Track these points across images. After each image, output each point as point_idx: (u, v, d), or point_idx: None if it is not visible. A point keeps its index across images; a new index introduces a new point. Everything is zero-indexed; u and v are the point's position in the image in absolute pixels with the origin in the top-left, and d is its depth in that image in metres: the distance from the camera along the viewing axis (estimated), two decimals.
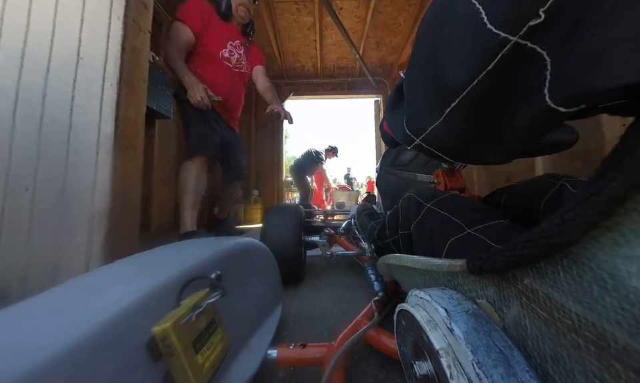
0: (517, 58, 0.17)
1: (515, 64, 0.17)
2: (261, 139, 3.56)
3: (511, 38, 0.16)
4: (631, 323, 0.12)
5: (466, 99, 0.20)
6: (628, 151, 0.13)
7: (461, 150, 0.27)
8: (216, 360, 0.30)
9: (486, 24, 0.17)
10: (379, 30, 2.74)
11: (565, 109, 0.17)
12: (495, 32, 0.17)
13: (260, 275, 0.54)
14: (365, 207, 1.14)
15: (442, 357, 0.19)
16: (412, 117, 0.29)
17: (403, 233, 0.48)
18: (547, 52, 0.16)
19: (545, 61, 0.17)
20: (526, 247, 0.16)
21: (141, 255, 0.40)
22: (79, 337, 0.21)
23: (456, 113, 0.22)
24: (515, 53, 0.17)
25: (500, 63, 0.17)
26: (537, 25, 0.15)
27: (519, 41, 0.16)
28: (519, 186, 0.48)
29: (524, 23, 0.16)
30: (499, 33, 0.16)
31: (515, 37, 0.16)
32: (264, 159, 3.54)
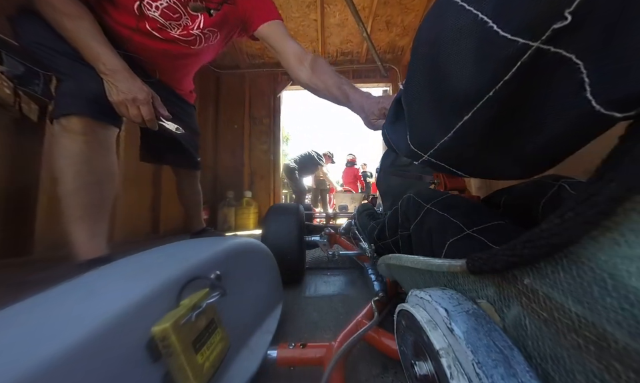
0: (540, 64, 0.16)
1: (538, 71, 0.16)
2: (255, 135, 3.16)
3: (531, 44, 0.15)
4: (631, 323, 0.12)
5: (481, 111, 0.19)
6: (627, 151, 0.13)
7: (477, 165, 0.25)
8: (216, 360, 0.30)
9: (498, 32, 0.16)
10: (389, 6, 2.38)
11: (621, 114, 0.15)
12: (510, 39, 0.15)
13: (260, 275, 0.54)
14: (365, 208, 1.14)
15: (442, 357, 0.19)
16: (416, 132, 0.27)
17: (403, 233, 0.48)
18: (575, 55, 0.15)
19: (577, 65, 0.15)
20: (526, 247, 0.16)
21: (140, 255, 0.40)
22: (78, 337, 0.21)
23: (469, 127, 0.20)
24: (536, 59, 0.15)
25: (519, 71, 0.16)
26: (562, 27, 0.14)
27: (541, 47, 0.15)
28: (519, 187, 0.48)
29: (547, 26, 0.14)
30: (516, 39, 0.15)
31: (537, 43, 0.15)
32: (258, 157, 3.14)
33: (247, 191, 2.89)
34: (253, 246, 0.52)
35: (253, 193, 2.99)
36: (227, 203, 2.75)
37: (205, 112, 2.91)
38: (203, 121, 2.82)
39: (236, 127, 3.12)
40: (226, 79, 3.17)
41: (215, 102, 3.12)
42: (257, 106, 3.18)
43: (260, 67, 3.16)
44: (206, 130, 2.90)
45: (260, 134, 3.17)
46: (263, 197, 3.08)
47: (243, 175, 3.04)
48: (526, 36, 0.15)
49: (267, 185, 3.12)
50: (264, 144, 3.15)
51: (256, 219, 2.88)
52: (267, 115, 3.17)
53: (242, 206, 2.80)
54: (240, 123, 3.13)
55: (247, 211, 2.81)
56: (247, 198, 2.87)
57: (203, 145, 2.72)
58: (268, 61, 3.13)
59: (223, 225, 2.67)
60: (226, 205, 2.74)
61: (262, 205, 3.02)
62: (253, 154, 3.13)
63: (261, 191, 3.09)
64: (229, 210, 2.72)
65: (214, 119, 3.07)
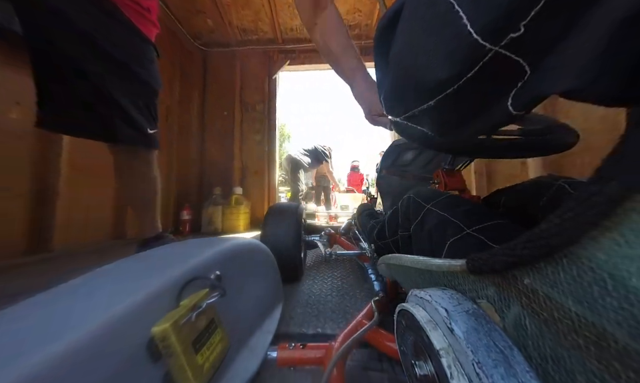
0: (496, 66, 0.17)
1: (493, 71, 0.18)
2: (247, 123, 2.70)
3: (492, 47, 0.16)
4: (631, 323, 0.12)
5: (443, 101, 0.21)
6: (627, 151, 0.13)
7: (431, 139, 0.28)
8: (216, 360, 0.30)
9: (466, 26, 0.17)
10: None
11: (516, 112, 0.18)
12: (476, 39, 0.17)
13: (260, 275, 0.54)
14: (365, 207, 1.14)
15: (442, 357, 0.19)
16: (387, 101, 0.29)
17: (403, 233, 0.48)
18: (528, 64, 0.17)
19: (525, 71, 0.17)
20: (526, 247, 0.16)
21: (140, 256, 0.40)
22: (79, 337, 0.21)
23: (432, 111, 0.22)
24: (493, 60, 0.17)
25: (480, 70, 0.18)
26: (518, 37, 0.16)
27: (500, 51, 0.16)
28: (519, 187, 0.48)
29: (505, 34, 0.16)
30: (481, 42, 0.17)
31: (496, 47, 0.16)
32: (251, 149, 2.68)
33: (236, 188, 2.43)
34: (253, 246, 0.52)
35: (244, 189, 2.55)
36: (213, 202, 2.33)
37: (189, 97, 2.55)
38: (187, 107, 2.50)
39: (225, 114, 2.67)
40: (213, 59, 2.73)
41: (200, 85, 2.69)
42: (249, 90, 2.71)
43: (253, 44, 2.70)
44: (191, 118, 2.55)
45: (253, 122, 2.69)
46: (257, 195, 2.62)
47: (233, 169, 2.60)
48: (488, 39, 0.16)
49: (261, 181, 2.66)
50: (257, 134, 2.68)
51: (247, 219, 2.44)
52: (260, 101, 2.70)
53: (230, 205, 2.32)
54: (230, 109, 2.67)
55: (237, 211, 2.33)
56: (236, 195, 2.38)
57: (187, 135, 2.46)
58: (262, 37, 2.66)
59: (208, 226, 2.27)
60: (212, 204, 2.32)
61: (255, 204, 2.58)
62: (245, 145, 2.68)
63: (254, 188, 2.62)
64: (215, 209, 2.29)
65: (200, 105, 2.66)
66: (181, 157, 2.38)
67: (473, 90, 0.19)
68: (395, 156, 1.02)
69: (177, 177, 2.31)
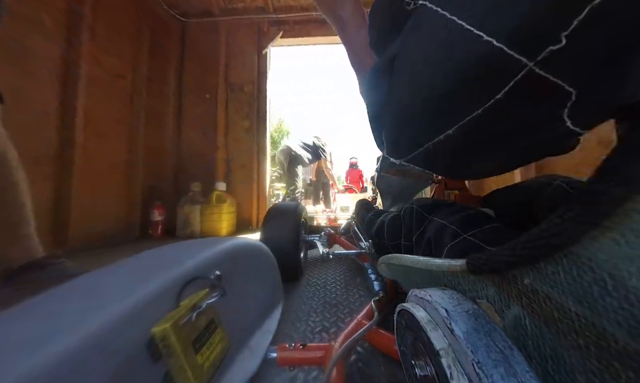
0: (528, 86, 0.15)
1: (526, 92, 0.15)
2: (234, 108, 2.26)
3: (528, 63, 0.14)
4: (631, 324, 0.12)
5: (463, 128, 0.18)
6: (627, 151, 0.13)
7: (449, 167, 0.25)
8: (216, 360, 0.30)
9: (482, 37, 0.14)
10: None
11: (582, 131, 0.16)
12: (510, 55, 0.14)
13: (260, 275, 0.54)
14: (363, 203, 1.15)
15: (442, 358, 0.19)
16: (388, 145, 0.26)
17: (406, 243, 0.49)
18: (568, 83, 0.14)
19: (569, 92, 0.14)
20: (526, 247, 0.16)
21: (140, 256, 0.40)
22: (78, 338, 0.21)
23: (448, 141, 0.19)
24: (527, 79, 0.14)
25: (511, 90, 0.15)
26: (557, 49, 0.13)
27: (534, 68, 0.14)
28: (518, 186, 0.48)
29: (542, 47, 0.13)
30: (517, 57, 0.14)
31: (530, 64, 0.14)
32: (238, 138, 2.25)
33: (219, 183, 2.04)
34: (253, 246, 0.52)
35: (229, 185, 2.15)
36: (190, 199, 1.95)
37: (163, 75, 2.15)
38: (160, 87, 2.11)
39: (208, 97, 2.26)
40: (193, 31, 2.30)
41: (178, 63, 2.26)
42: (235, 68, 2.28)
43: (239, 13, 2.28)
44: (166, 101, 2.16)
45: (240, 105, 2.26)
46: (244, 192, 2.22)
47: (216, 161, 2.18)
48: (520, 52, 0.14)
49: (249, 176, 2.22)
50: (245, 119, 2.25)
51: (232, 220, 2.04)
52: (249, 81, 2.27)
53: (210, 203, 1.92)
54: (213, 91, 2.25)
55: (218, 210, 1.91)
56: (218, 192, 1.97)
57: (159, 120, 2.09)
58: (250, 5, 2.25)
59: (184, 229, 1.90)
60: (188, 202, 1.93)
61: (242, 203, 2.18)
62: (231, 133, 2.25)
63: (241, 184, 2.22)
64: (193, 209, 1.90)
65: (177, 86, 2.24)
66: (151, 146, 2.01)
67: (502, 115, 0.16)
68: None
69: (145, 170, 1.95)
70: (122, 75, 1.84)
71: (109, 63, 1.74)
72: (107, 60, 1.72)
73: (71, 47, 1.48)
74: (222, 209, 1.96)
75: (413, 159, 0.25)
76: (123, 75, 1.85)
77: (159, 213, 1.93)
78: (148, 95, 2.01)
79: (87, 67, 1.54)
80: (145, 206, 1.93)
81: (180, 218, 1.95)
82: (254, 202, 2.25)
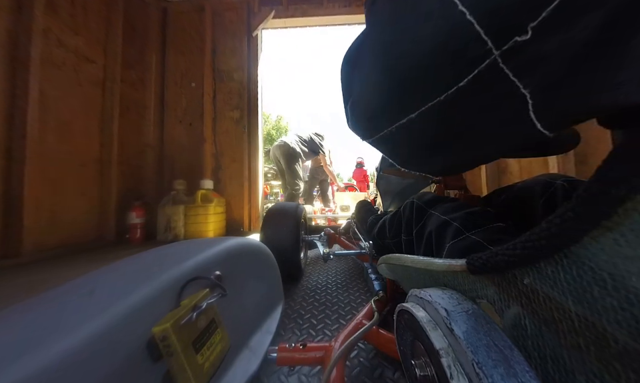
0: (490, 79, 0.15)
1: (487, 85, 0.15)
2: (222, 97, 2.01)
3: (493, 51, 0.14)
4: (631, 324, 0.12)
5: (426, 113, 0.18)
6: (627, 151, 0.13)
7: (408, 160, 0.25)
8: (216, 360, 0.30)
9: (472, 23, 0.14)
10: None
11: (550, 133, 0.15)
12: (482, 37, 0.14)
13: (260, 275, 0.54)
14: (363, 204, 1.15)
15: (442, 357, 0.19)
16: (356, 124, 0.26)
17: (406, 238, 0.48)
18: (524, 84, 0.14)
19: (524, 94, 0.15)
20: (526, 248, 0.16)
21: (140, 255, 0.40)
22: (79, 337, 0.21)
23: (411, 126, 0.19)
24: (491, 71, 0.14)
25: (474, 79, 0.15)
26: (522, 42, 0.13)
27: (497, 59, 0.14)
28: (518, 186, 0.48)
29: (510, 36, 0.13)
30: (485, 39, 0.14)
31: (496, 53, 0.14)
32: (227, 130, 2.01)
33: (205, 181, 1.82)
34: (253, 246, 0.52)
35: (218, 183, 1.95)
36: (173, 199, 1.72)
37: (142, 61, 1.92)
38: (139, 75, 1.90)
39: (193, 86, 2.02)
40: (176, 12, 2.06)
41: (158, 47, 2.01)
42: (223, 53, 2.04)
43: None
44: (146, 90, 1.94)
45: (229, 95, 2.01)
46: (234, 190, 1.98)
47: (204, 156, 1.95)
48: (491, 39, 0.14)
49: (240, 172, 1.98)
50: (235, 110, 2.00)
51: (221, 222, 1.83)
52: (238, 67, 2.02)
53: (195, 203, 1.70)
54: (198, 79, 2.01)
55: (204, 211, 1.69)
56: (203, 191, 1.76)
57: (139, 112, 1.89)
58: None
59: (165, 232, 1.67)
60: (170, 202, 1.70)
61: (233, 202, 1.95)
62: (219, 125, 2.01)
63: (231, 181, 1.98)
64: (175, 209, 1.67)
65: (159, 73, 2.00)
66: (128, 140, 1.81)
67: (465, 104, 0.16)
68: None
69: (121, 168, 1.76)
70: (91, 59, 1.59)
71: (73, 43, 1.49)
72: (71, 40, 1.47)
73: (20, 20, 1.24)
74: (208, 210, 1.72)
75: (377, 141, 0.25)
76: (92, 59, 1.60)
77: (138, 215, 1.70)
78: (124, 83, 1.77)
79: (42, 46, 1.30)
80: (121, 208, 1.70)
81: (161, 220, 1.70)
82: (245, 201, 1.97)
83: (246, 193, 2.00)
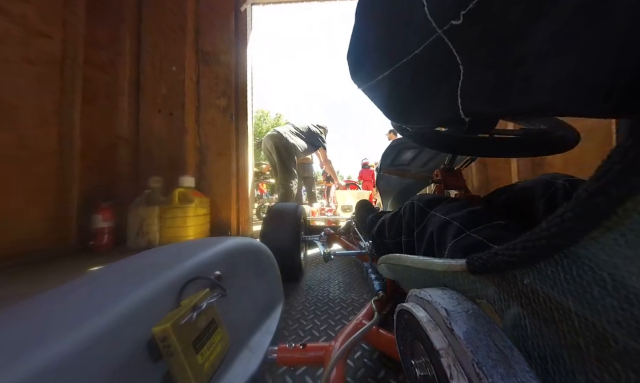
0: (438, 50, 0.18)
1: (437, 55, 0.19)
2: (207, 83, 1.75)
3: (437, 29, 0.17)
4: (631, 323, 0.12)
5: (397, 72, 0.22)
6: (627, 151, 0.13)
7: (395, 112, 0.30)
8: (216, 360, 0.31)
9: (423, 5, 0.18)
10: None
11: (466, 117, 0.19)
12: (428, 18, 0.18)
13: (260, 275, 0.54)
14: (363, 204, 1.15)
15: (442, 357, 0.19)
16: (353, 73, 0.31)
17: (406, 239, 0.48)
18: (461, 59, 0.17)
19: (459, 68, 0.18)
20: (526, 248, 0.16)
21: (140, 255, 0.40)
22: (79, 337, 0.21)
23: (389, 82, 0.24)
24: (437, 44, 0.18)
25: (425, 49, 0.19)
26: (457, 25, 0.16)
27: (441, 35, 0.17)
28: (519, 186, 0.48)
29: (448, 18, 0.17)
30: (430, 20, 0.18)
31: (439, 31, 0.17)
32: (213, 120, 1.75)
33: (184, 178, 1.58)
34: (253, 246, 0.52)
35: (202, 180, 1.71)
36: (147, 199, 1.48)
37: (115, 42, 1.66)
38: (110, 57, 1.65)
39: (174, 70, 1.76)
40: None
41: (134, 26, 1.74)
42: (208, 32, 1.79)
43: None
44: (120, 74, 1.68)
45: (215, 81, 1.76)
46: (221, 188, 1.73)
47: (186, 149, 1.69)
48: (435, 21, 0.17)
49: (227, 168, 1.72)
50: (222, 97, 1.75)
51: (205, 225, 1.60)
52: (225, 49, 1.77)
53: (172, 204, 1.45)
54: (179, 62, 1.74)
55: (182, 213, 1.43)
56: (182, 189, 1.51)
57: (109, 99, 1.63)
58: None
59: (137, 238, 1.42)
60: (143, 203, 1.46)
61: (219, 201, 1.71)
62: (204, 114, 1.76)
63: (217, 178, 1.73)
64: (149, 211, 1.42)
65: (134, 55, 1.74)
66: (96, 131, 1.56)
67: (421, 70, 0.20)
68: (393, 156, 1.03)
69: (86, 163, 1.49)
70: (46, 34, 1.32)
71: (20, 11, 1.24)
72: (16, 7, 1.23)
73: None
74: (187, 212, 1.44)
75: (367, 90, 0.30)
76: (47, 34, 1.33)
77: (106, 217, 1.45)
78: (90, 65, 1.50)
79: None
80: (85, 210, 1.43)
81: (132, 224, 1.44)
82: (233, 201, 1.73)
83: (234, 191, 1.74)
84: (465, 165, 0.77)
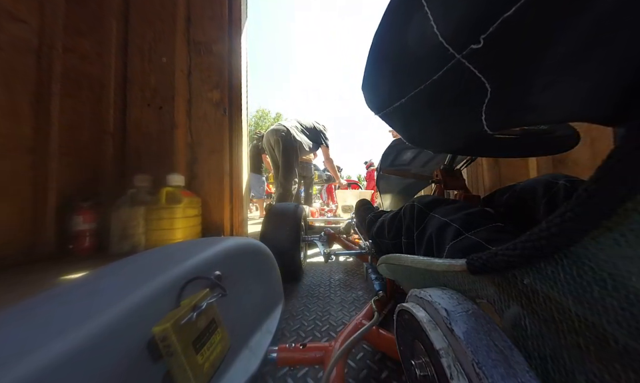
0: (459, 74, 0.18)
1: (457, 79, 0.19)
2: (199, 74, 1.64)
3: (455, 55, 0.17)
4: (631, 323, 0.12)
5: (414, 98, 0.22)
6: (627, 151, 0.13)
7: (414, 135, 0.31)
8: (216, 360, 0.31)
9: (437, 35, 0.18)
10: None
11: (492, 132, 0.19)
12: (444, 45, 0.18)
13: (260, 275, 0.54)
14: (363, 203, 1.15)
15: (442, 357, 0.19)
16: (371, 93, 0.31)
17: (406, 241, 0.48)
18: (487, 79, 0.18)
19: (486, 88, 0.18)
20: (526, 248, 0.16)
21: (140, 255, 0.40)
22: (79, 337, 0.21)
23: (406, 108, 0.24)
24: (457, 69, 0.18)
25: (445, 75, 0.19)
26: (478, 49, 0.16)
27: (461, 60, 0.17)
28: (520, 186, 0.48)
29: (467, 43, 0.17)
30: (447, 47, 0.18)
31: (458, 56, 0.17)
32: (205, 114, 1.63)
33: (173, 176, 1.42)
34: (253, 246, 0.52)
35: (194, 179, 1.60)
36: (131, 199, 1.36)
37: (100, 30, 1.56)
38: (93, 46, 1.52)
39: (164, 61, 1.64)
40: None
41: (121, 13, 1.63)
42: (200, 20, 1.68)
43: None
44: (105, 64, 1.57)
45: (207, 72, 1.64)
46: (213, 187, 1.59)
47: (176, 146, 1.58)
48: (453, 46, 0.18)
49: (220, 165, 1.60)
50: (215, 90, 1.64)
51: (195, 227, 1.47)
52: (218, 38, 1.65)
53: (159, 204, 1.31)
54: (169, 52, 1.62)
55: (170, 214, 1.31)
56: (170, 188, 1.37)
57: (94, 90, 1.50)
58: None
59: (120, 242, 1.31)
60: (127, 203, 1.34)
61: (212, 201, 1.58)
62: (196, 108, 1.65)
63: (209, 176, 1.60)
64: (134, 212, 1.32)
65: (120, 45, 1.62)
66: (79, 126, 1.43)
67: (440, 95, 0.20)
68: (393, 156, 1.03)
69: (66, 160, 1.36)
70: (19, 18, 1.20)
71: None
72: None
73: None
74: (175, 213, 1.31)
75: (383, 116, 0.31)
76: (21, 18, 1.20)
77: (87, 219, 1.33)
78: (71, 54, 1.39)
79: None
80: (63, 210, 1.30)
81: (115, 226, 1.32)
82: (226, 201, 1.59)
83: (227, 190, 1.60)
84: (465, 165, 0.77)
